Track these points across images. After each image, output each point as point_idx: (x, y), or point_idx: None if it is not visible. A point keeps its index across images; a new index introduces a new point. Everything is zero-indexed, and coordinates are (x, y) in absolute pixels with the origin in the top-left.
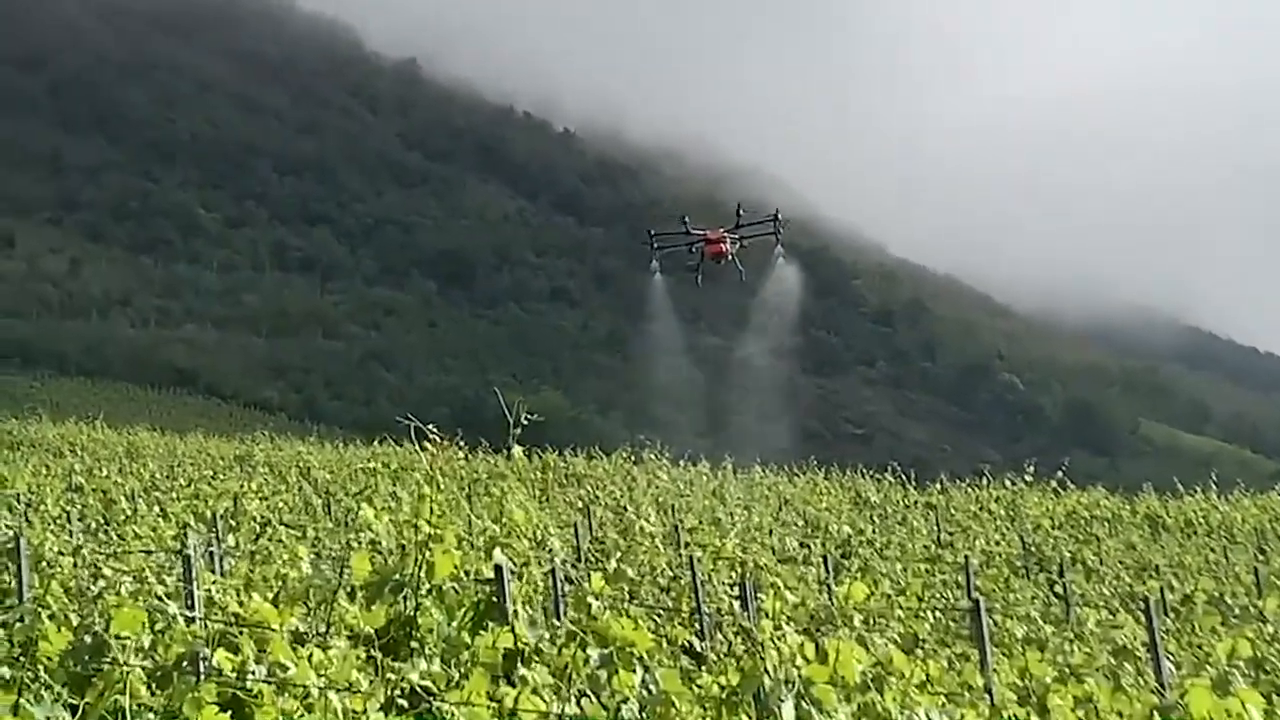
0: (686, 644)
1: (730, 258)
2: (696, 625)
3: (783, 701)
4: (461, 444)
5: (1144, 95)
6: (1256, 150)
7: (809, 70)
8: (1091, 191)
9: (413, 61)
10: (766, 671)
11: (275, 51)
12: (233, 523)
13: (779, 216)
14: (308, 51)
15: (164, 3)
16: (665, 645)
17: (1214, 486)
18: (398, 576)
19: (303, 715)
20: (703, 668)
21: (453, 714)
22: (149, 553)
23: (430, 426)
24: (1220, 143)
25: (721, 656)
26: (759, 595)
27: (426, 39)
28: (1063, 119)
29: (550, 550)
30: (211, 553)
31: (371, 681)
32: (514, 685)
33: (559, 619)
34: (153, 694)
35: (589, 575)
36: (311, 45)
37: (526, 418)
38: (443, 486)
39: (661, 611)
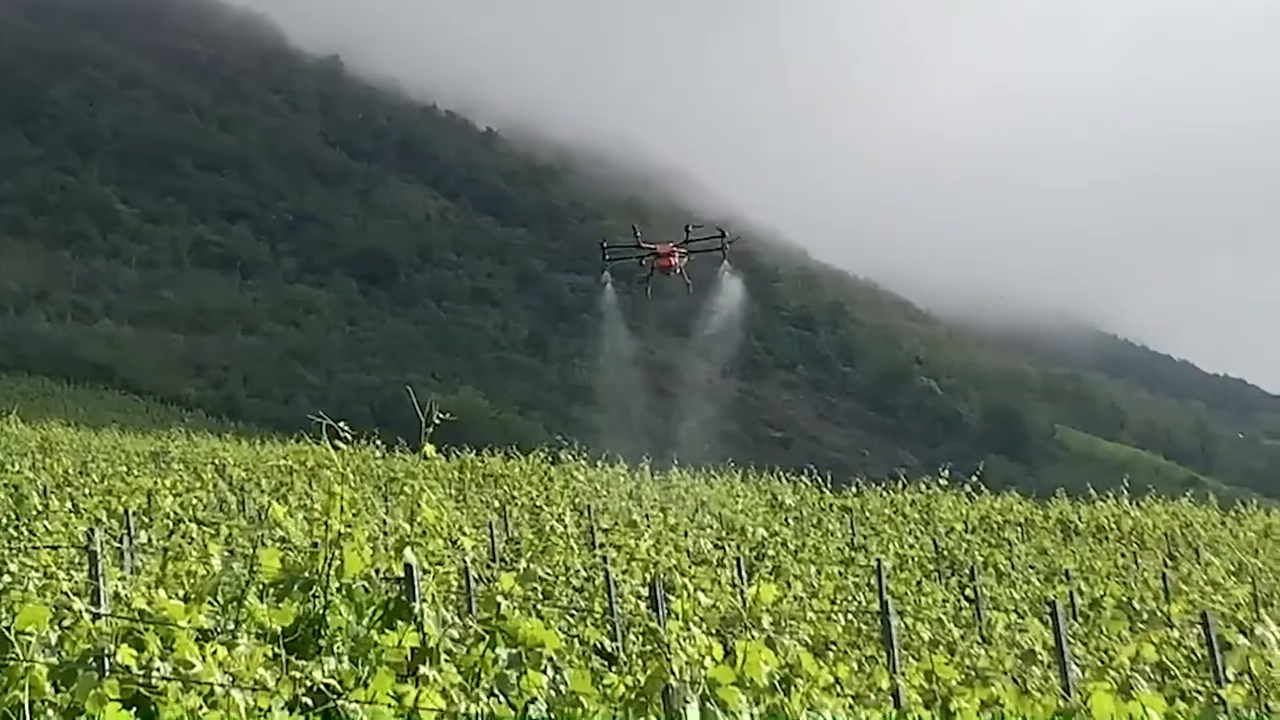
0: (599, 645)
1: (679, 271)
2: (609, 626)
3: (688, 703)
4: (379, 442)
5: (1062, 104)
6: (1174, 161)
7: (732, 73)
8: (1011, 199)
9: (336, 59)
10: (673, 672)
11: (199, 47)
12: (146, 519)
13: (725, 234)
14: (231, 48)
15: None
16: (578, 645)
17: (1126, 492)
18: (307, 574)
19: (206, 713)
20: (613, 668)
21: (356, 712)
22: (55, 548)
23: (342, 425)
24: (1138, 153)
25: (633, 657)
26: (670, 597)
27: (350, 36)
28: (983, 127)
29: (463, 549)
30: (122, 549)
31: (278, 679)
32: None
33: (472, 618)
34: (57, 690)
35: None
36: (235, 41)
37: (440, 417)
38: (356, 485)
39: (574, 612)
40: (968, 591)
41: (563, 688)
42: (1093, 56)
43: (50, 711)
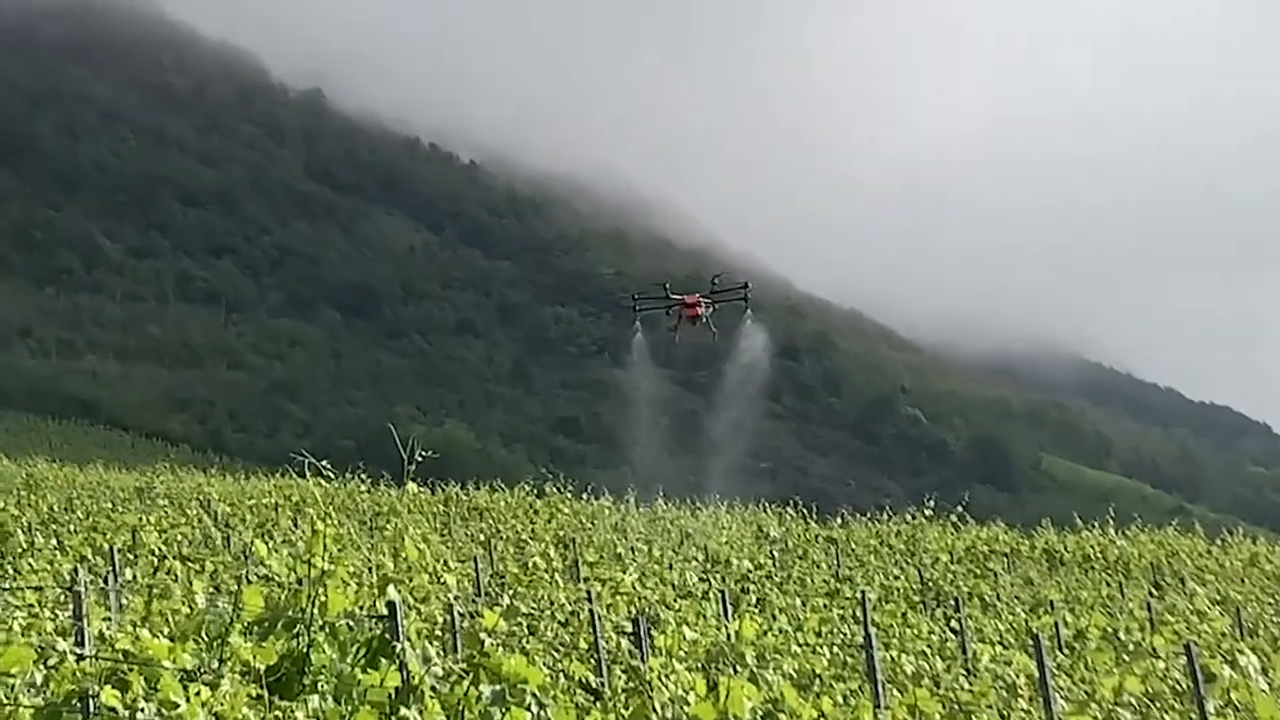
0: (584, 680)
1: (705, 320)
2: (594, 661)
3: None
4: (363, 476)
5: (1047, 131)
6: (1158, 188)
7: (715, 103)
8: (994, 228)
9: (318, 92)
10: (654, 710)
11: (181, 82)
12: (131, 556)
13: (748, 285)
14: (214, 82)
15: (71, 33)
16: (562, 681)
17: (1112, 521)
18: (291, 612)
19: None
20: (598, 704)
21: None
22: (39, 589)
23: (325, 462)
24: (1122, 181)
25: (617, 693)
26: (654, 631)
27: (332, 70)
28: (965, 155)
29: (446, 586)
30: (107, 588)
31: (262, 719)
32: None
33: (457, 655)
34: None
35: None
36: (217, 76)
37: (422, 453)
38: (340, 521)
39: (559, 647)
40: (953, 623)
41: None
42: (1076, 81)
43: None
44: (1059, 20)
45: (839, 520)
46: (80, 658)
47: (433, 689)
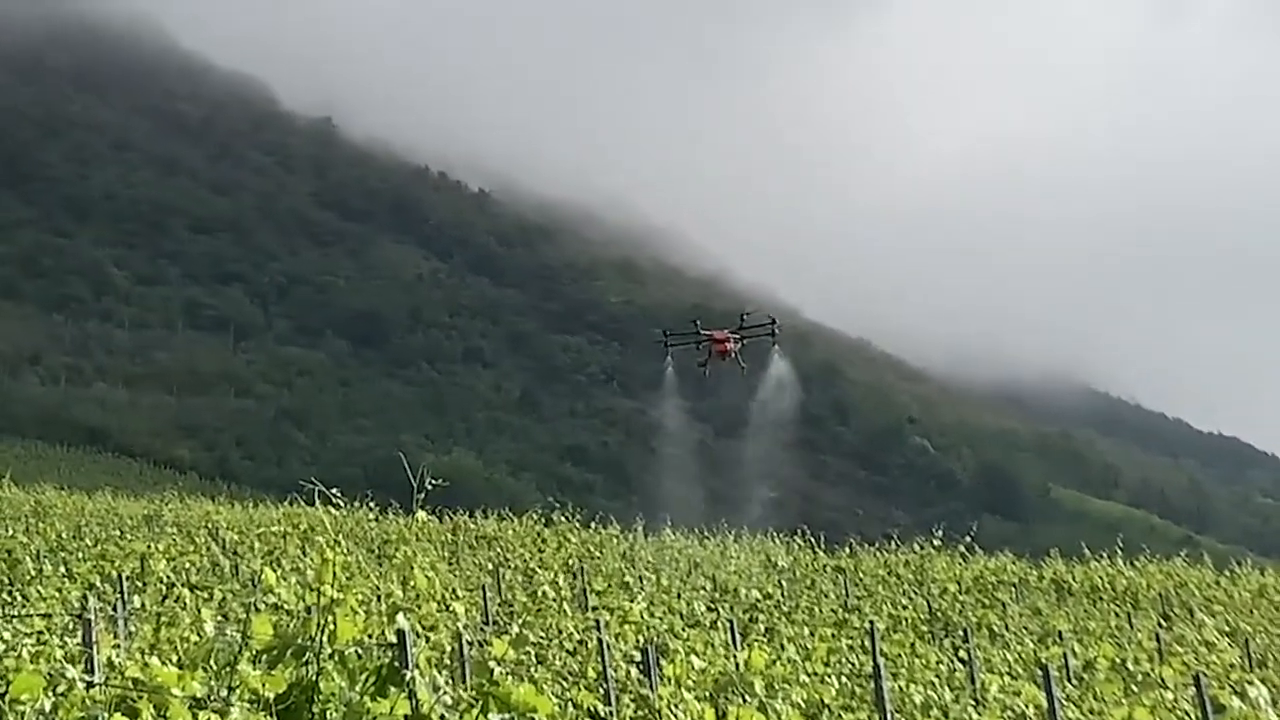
0: (592, 709)
1: (734, 355)
2: (602, 690)
3: None
4: (372, 505)
5: (1056, 160)
6: (1166, 219)
7: (724, 132)
8: (1003, 258)
9: (328, 120)
10: None
11: (192, 110)
12: (139, 584)
13: (775, 321)
14: (224, 110)
15: (82, 61)
16: (571, 710)
17: (1120, 552)
18: (300, 640)
19: None
20: None
21: None
22: (47, 616)
23: (334, 490)
24: (1130, 211)
25: None
26: (662, 661)
27: (342, 98)
28: (975, 183)
29: (454, 614)
30: (115, 615)
31: None
32: None
33: (465, 683)
34: None
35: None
36: (228, 104)
37: (431, 482)
38: (348, 549)
39: (568, 676)
40: (961, 653)
41: None
42: (1085, 110)
43: None
44: (1078, 40)
45: (847, 550)
46: (89, 685)
47: (442, 717)
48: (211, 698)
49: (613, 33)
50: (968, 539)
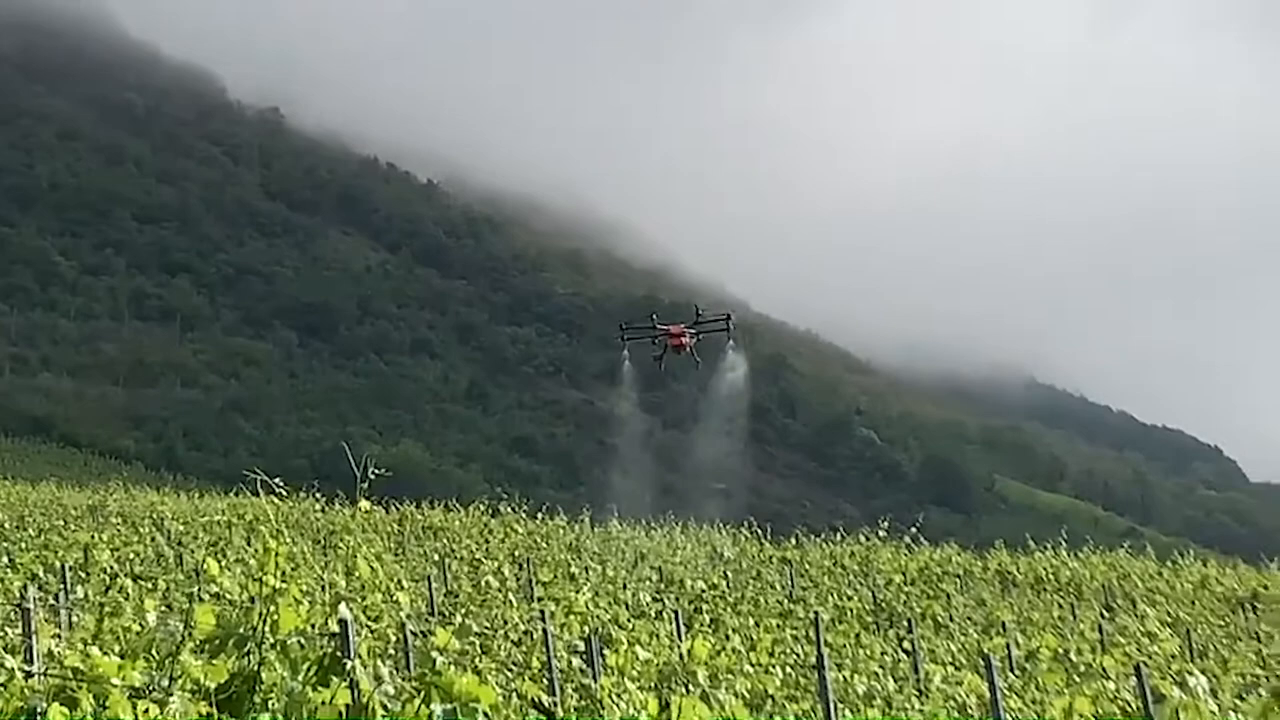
0: (536, 699)
1: (689, 350)
2: (546, 680)
3: None
4: (318, 495)
5: (1000, 155)
6: (1110, 212)
7: (673, 125)
8: (950, 250)
9: (276, 111)
10: None
11: (138, 99)
12: (82, 574)
13: (731, 317)
14: (171, 100)
15: (28, 49)
16: (515, 700)
17: (1064, 543)
18: (242, 630)
19: None
20: None
21: None
22: None
23: (278, 480)
24: (1075, 204)
25: (570, 712)
26: (605, 651)
27: (290, 89)
28: (921, 178)
29: (399, 604)
30: (58, 606)
31: None
32: None
33: (409, 673)
34: None
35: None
36: (175, 94)
37: (375, 471)
38: (293, 539)
39: (512, 666)
40: (905, 644)
41: None
42: (1029, 105)
43: None
44: (1024, 43)
45: (793, 541)
46: (29, 675)
47: (384, 707)
48: (151, 688)
49: (564, 25)
50: (914, 530)
